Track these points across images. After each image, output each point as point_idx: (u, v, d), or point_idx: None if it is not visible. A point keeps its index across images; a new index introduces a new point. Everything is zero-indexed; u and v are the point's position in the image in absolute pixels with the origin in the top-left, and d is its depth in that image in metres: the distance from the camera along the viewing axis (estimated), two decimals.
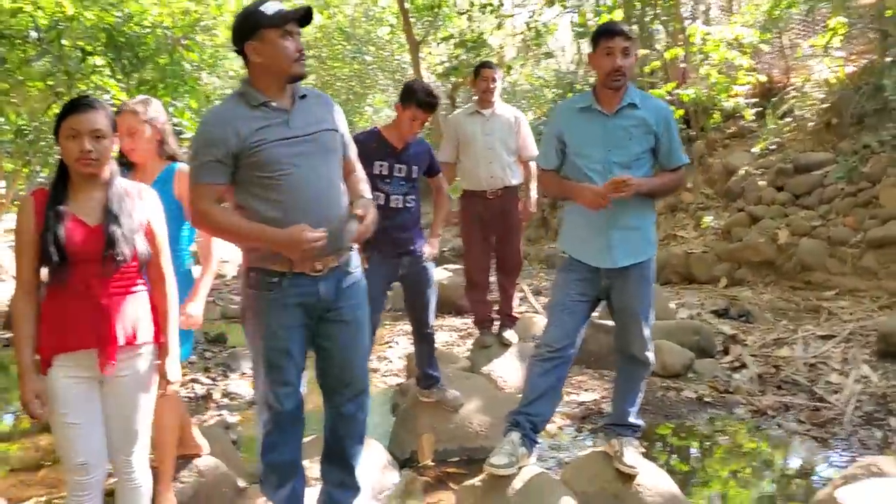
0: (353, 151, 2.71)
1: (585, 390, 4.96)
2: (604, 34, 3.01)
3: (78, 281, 2.28)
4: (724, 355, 5.56)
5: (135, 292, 2.40)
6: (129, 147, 2.98)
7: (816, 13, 10.51)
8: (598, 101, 3.08)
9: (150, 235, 2.43)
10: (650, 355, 3.20)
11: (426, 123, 3.83)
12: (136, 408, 2.42)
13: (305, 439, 2.68)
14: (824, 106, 9.02)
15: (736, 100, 9.70)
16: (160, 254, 2.47)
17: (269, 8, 2.41)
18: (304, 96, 2.54)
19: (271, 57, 2.42)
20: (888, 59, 8.40)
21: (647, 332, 3.15)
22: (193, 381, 5.56)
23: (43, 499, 3.63)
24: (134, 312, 2.37)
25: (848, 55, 9.77)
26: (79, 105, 2.30)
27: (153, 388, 2.48)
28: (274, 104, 2.45)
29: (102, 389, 2.38)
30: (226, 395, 5.31)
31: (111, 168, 2.39)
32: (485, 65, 5.02)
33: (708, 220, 8.63)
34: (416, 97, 3.64)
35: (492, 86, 4.90)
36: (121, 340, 2.32)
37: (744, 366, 5.26)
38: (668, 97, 9.66)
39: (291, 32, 2.42)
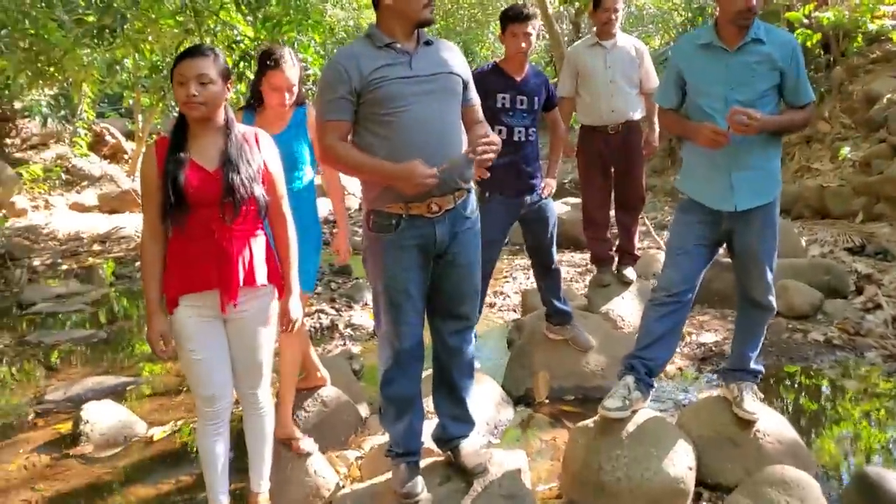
0: (476, 99, 2.72)
1: (707, 331, 4.86)
2: None
3: (200, 225, 2.41)
4: (857, 295, 5.29)
5: (255, 235, 2.52)
6: (286, 103, 3.10)
7: None
8: (719, 38, 2.93)
9: (267, 180, 2.53)
10: (772, 300, 3.09)
11: (534, 45, 3.77)
12: (257, 344, 2.57)
13: (424, 374, 2.76)
14: None
15: (882, 21, 8.94)
16: (278, 197, 2.58)
17: None
18: (429, 43, 2.57)
19: (403, 3, 2.46)
20: None
21: (769, 276, 3.03)
22: (319, 311, 5.82)
23: (180, 422, 3.95)
24: (254, 255, 2.50)
25: None
26: (188, 52, 2.41)
27: (273, 325, 2.63)
28: (398, 46, 2.49)
29: (226, 327, 2.54)
30: (349, 325, 5.52)
31: (228, 114, 2.49)
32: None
33: (846, 151, 8.10)
34: (506, 15, 3.69)
35: (613, 17, 4.72)
36: (241, 282, 2.45)
37: (878, 307, 4.99)
38: (805, 20, 9.05)
39: None
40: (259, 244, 2.53)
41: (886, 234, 6.71)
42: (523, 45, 3.66)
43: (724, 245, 3.15)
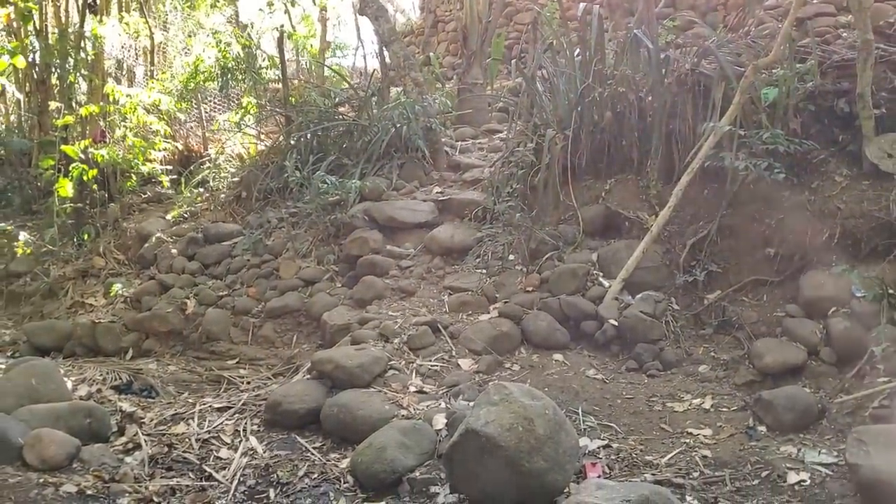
0: None
1: None
2: None
3: None
4: (119, 437, 5.24)
5: None
6: None
7: (232, 90, 11.12)
8: None
9: None
10: None
11: None
12: None
13: None
14: (236, 179, 9.51)
15: (153, 165, 9.63)
16: None
17: None
18: None
19: None
20: (291, 143, 9.25)
21: None
22: None
23: None
24: None
25: (259, 134, 10.51)
26: None
27: None
28: None
29: None
30: None
31: None
32: None
33: (117, 287, 8.26)
34: None
35: None
36: None
37: (138, 447, 5.01)
38: (81, 155, 9.13)
39: None
40: None
41: (153, 370, 6.94)
42: None
43: None
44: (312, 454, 4.78)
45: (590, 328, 5.94)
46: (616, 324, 5.79)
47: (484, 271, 6.90)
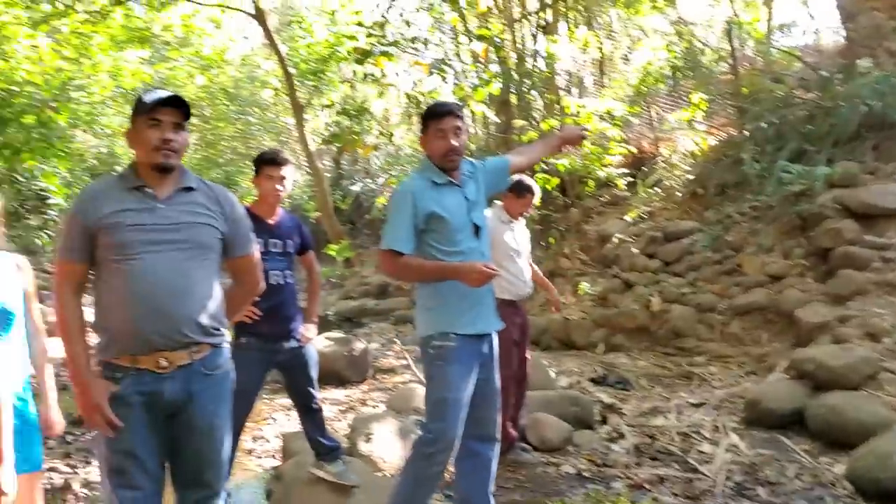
0: (248, 250, 2.65)
1: None
2: (433, 115, 3.06)
3: None
4: (603, 425, 5.61)
5: None
6: None
7: (680, 88, 11.15)
8: (448, 175, 3.11)
9: None
10: None
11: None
12: None
13: None
14: (690, 177, 9.52)
15: (608, 169, 10.09)
16: None
17: (147, 95, 2.39)
18: (191, 189, 2.45)
19: (136, 144, 2.40)
20: (746, 134, 8.96)
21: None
22: (52, 469, 5.13)
23: None
24: None
25: (710, 128, 10.38)
26: None
27: None
28: (148, 190, 2.38)
29: None
30: (86, 485, 4.90)
31: None
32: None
33: (585, 286, 8.85)
34: (261, 159, 3.71)
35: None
36: None
37: (622, 436, 5.32)
38: (544, 166, 9.95)
39: (160, 121, 2.35)
40: None
41: (624, 364, 7.29)
42: (278, 187, 3.65)
43: None
44: (800, 456, 4.59)
45: None
46: None
47: None
